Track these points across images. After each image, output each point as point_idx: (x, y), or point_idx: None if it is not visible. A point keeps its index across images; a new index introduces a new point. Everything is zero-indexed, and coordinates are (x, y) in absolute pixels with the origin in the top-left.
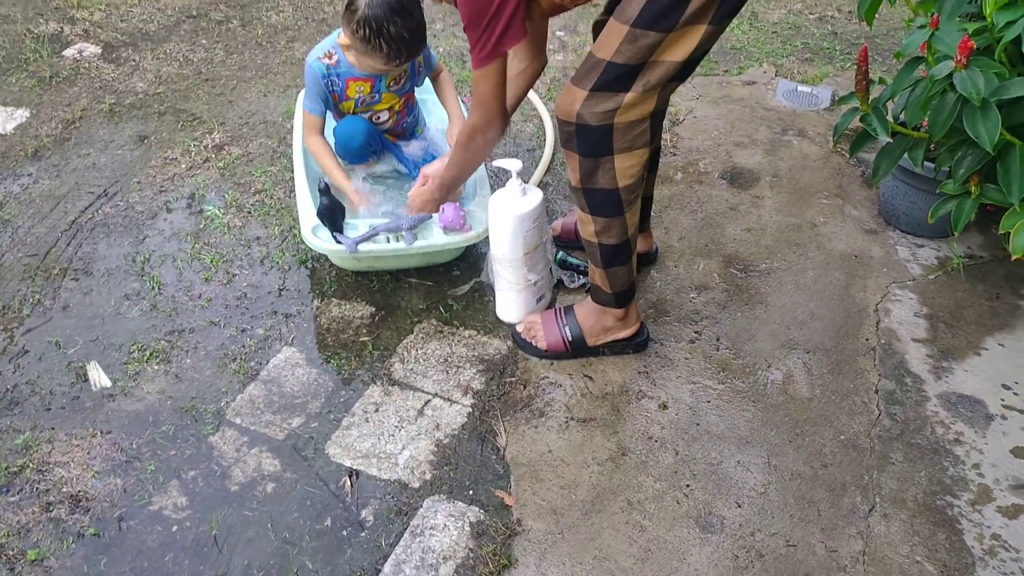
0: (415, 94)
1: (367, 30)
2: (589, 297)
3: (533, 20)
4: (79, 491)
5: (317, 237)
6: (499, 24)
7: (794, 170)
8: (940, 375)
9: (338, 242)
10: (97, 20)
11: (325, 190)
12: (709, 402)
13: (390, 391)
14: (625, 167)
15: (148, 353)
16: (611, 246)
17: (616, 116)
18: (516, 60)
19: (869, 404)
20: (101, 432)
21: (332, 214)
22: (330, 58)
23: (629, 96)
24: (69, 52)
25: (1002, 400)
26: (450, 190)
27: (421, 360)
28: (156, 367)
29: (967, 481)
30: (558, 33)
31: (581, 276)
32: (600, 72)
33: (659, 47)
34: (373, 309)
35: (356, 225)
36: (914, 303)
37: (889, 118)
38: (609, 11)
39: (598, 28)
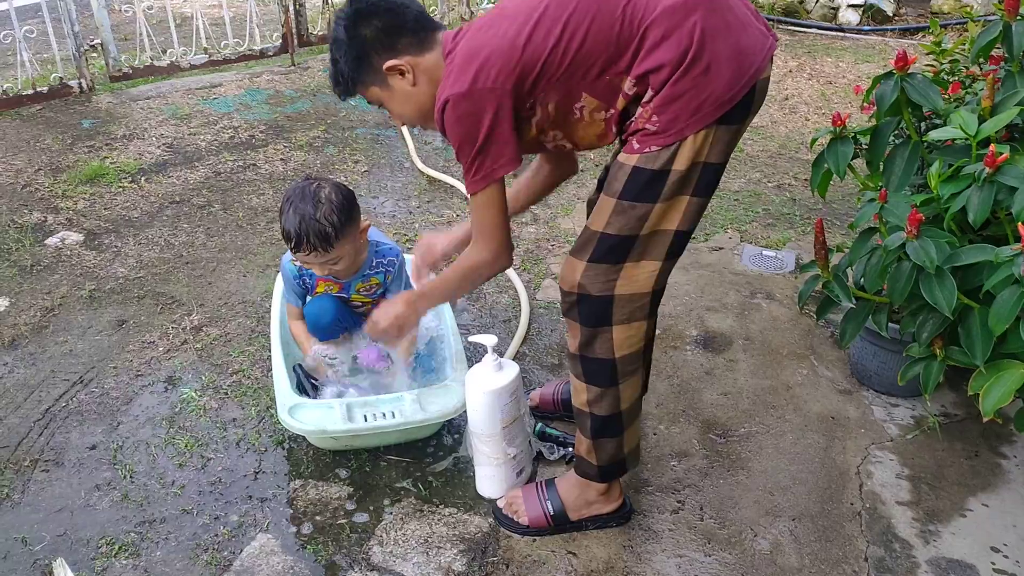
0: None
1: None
2: (572, 470)
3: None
4: None
5: (294, 418)
6: (490, 150)
7: (765, 332)
8: (928, 539)
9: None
10: (81, 209)
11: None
12: None
13: None
14: (623, 338)
15: (117, 547)
16: (602, 417)
17: (616, 288)
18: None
19: (860, 572)
20: None
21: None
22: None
23: (627, 267)
24: (52, 241)
25: (992, 564)
26: (424, 307)
27: (400, 542)
28: (125, 561)
29: None
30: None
31: (561, 448)
32: (595, 244)
33: (648, 218)
34: (351, 489)
35: (326, 395)
36: (895, 464)
37: (851, 283)
38: (600, 188)
39: (591, 207)
